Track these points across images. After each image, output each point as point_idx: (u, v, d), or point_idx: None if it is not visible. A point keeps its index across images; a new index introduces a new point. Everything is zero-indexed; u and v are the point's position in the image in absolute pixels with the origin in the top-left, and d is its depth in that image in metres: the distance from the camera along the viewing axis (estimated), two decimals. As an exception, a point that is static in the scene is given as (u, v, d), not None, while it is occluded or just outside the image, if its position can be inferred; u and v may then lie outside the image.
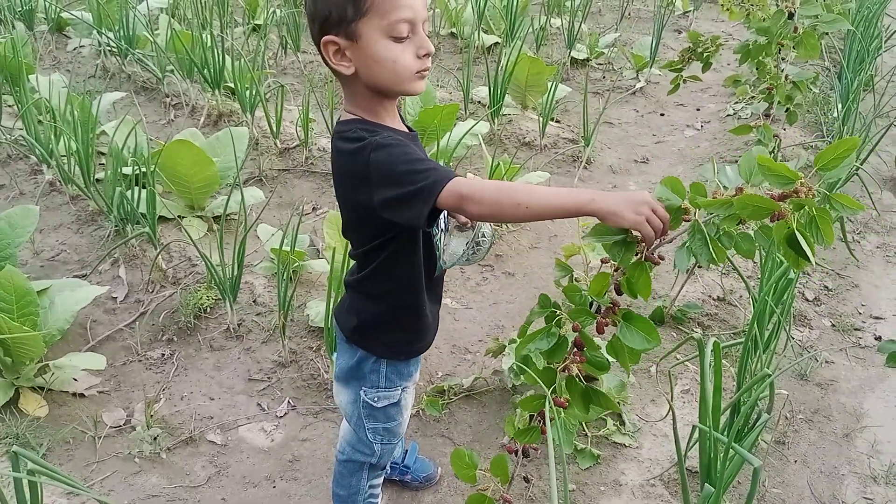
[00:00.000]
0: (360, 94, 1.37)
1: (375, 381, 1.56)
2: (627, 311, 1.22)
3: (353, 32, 1.29)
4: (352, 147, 1.31)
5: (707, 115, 4.87)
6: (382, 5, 1.26)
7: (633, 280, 1.18)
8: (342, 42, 1.30)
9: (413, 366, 1.61)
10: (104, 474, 2.10)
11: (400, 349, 1.55)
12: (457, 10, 5.79)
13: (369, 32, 1.28)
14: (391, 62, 1.30)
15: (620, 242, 1.16)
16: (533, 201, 1.18)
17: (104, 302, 2.74)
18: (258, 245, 3.04)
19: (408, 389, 1.63)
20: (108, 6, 4.93)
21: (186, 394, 2.41)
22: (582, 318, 1.24)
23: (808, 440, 2.30)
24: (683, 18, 6.71)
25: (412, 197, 1.22)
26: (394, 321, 1.52)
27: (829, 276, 3.14)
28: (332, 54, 1.32)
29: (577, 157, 4.06)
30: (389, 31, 1.28)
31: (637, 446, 2.23)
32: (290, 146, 3.89)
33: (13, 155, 3.73)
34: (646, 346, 1.19)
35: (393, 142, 1.28)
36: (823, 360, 2.63)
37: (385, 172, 1.26)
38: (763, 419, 1.74)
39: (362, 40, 1.29)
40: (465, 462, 1.39)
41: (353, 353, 1.55)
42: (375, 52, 1.29)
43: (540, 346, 1.26)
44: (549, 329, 1.27)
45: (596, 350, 1.27)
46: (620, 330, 1.22)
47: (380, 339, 1.53)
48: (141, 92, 4.57)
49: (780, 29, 2.16)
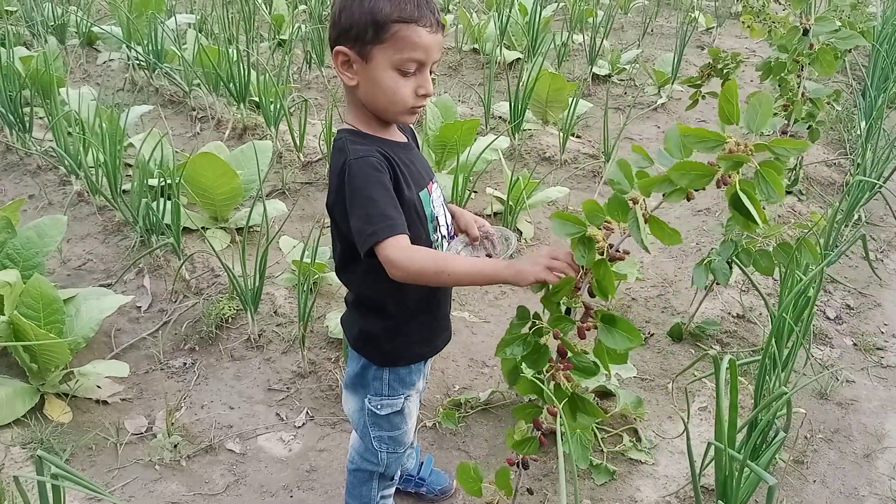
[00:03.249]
0: (357, 106, 1.46)
1: (379, 388, 1.59)
2: (606, 313, 1.23)
3: (365, 53, 1.36)
4: (336, 158, 1.42)
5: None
6: (401, 41, 1.33)
7: (600, 279, 1.20)
8: (353, 56, 1.38)
9: (416, 374, 1.63)
10: (125, 480, 2.14)
11: (400, 355, 1.58)
12: (479, 27, 5.84)
13: (380, 59, 1.35)
14: (391, 92, 1.38)
15: (582, 242, 1.20)
16: (456, 271, 1.33)
17: (128, 311, 2.79)
18: (280, 257, 3.08)
19: (411, 398, 1.65)
20: (138, 21, 5.04)
21: (207, 402, 2.44)
22: (561, 325, 1.25)
23: (827, 460, 2.28)
24: (706, 35, 6.71)
25: (357, 233, 1.36)
26: (392, 330, 1.55)
27: (850, 294, 3.11)
28: (340, 63, 1.40)
29: (598, 173, 4.07)
30: (398, 65, 1.36)
31: (653, 463, 2.23)
32: (313, 160, 3.94)
33: (43, 166, 3.82)
34: (628, 346, 1.21)
35: (361, 170, 1.36)
36: (844, 380, 2.61)
37: (349, 196, 1.37)
38: (780, 437, 1.73)
39: (372, 63, 1.36)
40: (470, 475, 1.41)
41: (358, 361, 1.59)
42: (380, 79, 1.37)
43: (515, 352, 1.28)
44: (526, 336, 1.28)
45: (581, 356, 1.28)
46: (601, 333, 1.23)
47: (380, 347, 1.57)
48: (168, 105, 4.65)
49: (795, 45, 2.16)
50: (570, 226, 1.21)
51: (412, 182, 1.45)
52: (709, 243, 3.41)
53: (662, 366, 2.63)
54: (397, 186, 1.40)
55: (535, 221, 3.49)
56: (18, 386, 2.32)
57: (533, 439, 1.35)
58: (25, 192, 3.61)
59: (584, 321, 1.25)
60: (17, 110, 3.85)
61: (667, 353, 2.70)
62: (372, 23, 1.32)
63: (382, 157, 1.39)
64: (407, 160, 1.47)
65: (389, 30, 1.32)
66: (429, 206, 1.49)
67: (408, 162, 1.47)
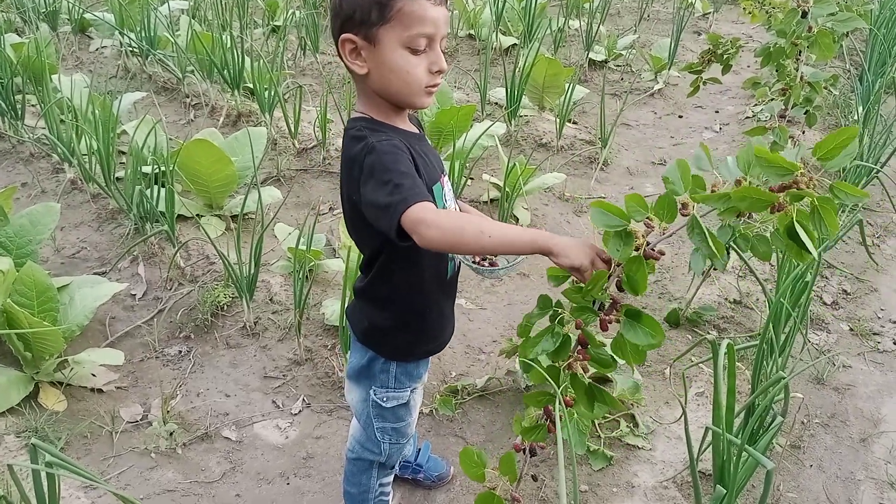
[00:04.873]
0: (369, 95, 1.40)
1: (385, 381, 1.57)
2: (631, 308, 1.22)
3: (372, 36, 1.31)
4: (353, 145, 1.34)
5: (726, 118, 4.84)
6: (407, 17, 1.28)
7: (632, 275, 1.18)
8: (360, 42, 1.32)
9: (423, 367, 1.62)
10: (121, 468, 2.13)
11: (410, 351, 1.56)
12: (475, 12, 5.80)
13: (388, 40, 1.30)
14: (405, 72, 1.32)
15: (619, 237, 1.16)
16: (495, 232, 1.21)
17: (123, 299, 2.78)
18: (275, 244, 3.06)
19: (417, 390, 1.64)
20: (130, 7, 5.00)
21: (203, 390, 2.43)
22: (584, 316, 1.23)
23: (824, 445, 2.28)
24: (703, 20, 6.68)
25: (384, 209, 1.24)
26: (401, 325, 1.53)
27: (847, 279, 3.11)
28: (348, 52, 1.35)
29: (594, 159, 4.06)
30: (408, 43, 1.30)
31: (650, 448, 2.23)
32: (308, 146, 3.92)
33: (36, 153, 3.79)
34: (650, 343, 1.18)
35: (388, 149, 1.29)
36: (841, 364, 2.61)
37: (370, 177, 1.28)
38: (777, 422, 1.73)
39: (380, 46, 1.31)
40: (473, 461, 1.39)
41: (364, 353, 1.57)
42: (391, 60, 1.32)
43: (546, 347, 1.26)
44: (553, 329, 1.27)
45: (599, 347, 1.27)
46: (624, 327, 1.21)
47: (389, 342, 1.54)
48: (161, 92, 4.62)
49: (794, 28, 2.13)
50: (612, 217, 1.16)
51: (426, 175, 1.40)
52: (706, 229, 3.40)
53: (660, 351, 2.63)
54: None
55: (532, 208, 3.48)
56: (13, 374, 2.30)
57: (542, 426, 1.34)
58: (18, 179, 3.58)
59: (608, 313, 1.23)
60: (8, 98, 3.82)
61: (664, 338, 2.70)
62: (375, 3, 1.28)
63: (404, 145, 1.34)
64: (422, 151, 1.43)
65: (394, 7, 1.28)
66: (441, 199, 1.45)
67: (423, 153, 1.43)
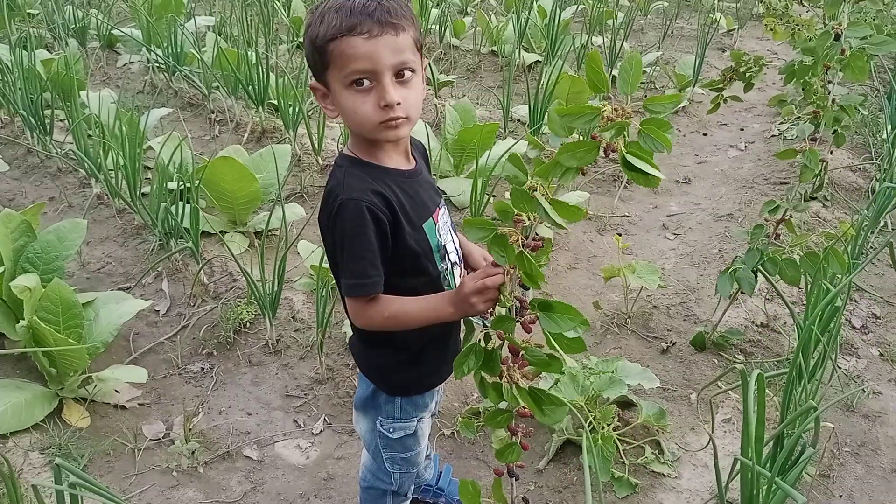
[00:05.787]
0: (352, 133, 1.42)
1: (391, 411, 1.56)
2: (542, 301, 1.20)
3: (326, 82, 1.35)
4: (329, 182, 1.38)
5: (751, 136, 4.80)
6: (339, 57, 1.29)
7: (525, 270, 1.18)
8: (321, 89, 1.37)
9: (429, 397, 1.60)
10: (143, 487, 2.13)
11: (410, 386, 1.56)
12: (498, 29, 5.81)
13: (334, 83, 1.33)
14: (352, 112, 1.33)
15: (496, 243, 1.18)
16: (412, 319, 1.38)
17: (147, 315, 2.79)
18: (298, 261, 3.06)
19: (424, 419, 1.62)
20: (157, 24, 5.07)
21: (224, 408, 2.43)
22: (504, 325, 1.22)
23: (854, 474, 2.23)
24: (727, 37, 6.64)
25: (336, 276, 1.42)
26: (398, 363, 1.52)
27: (877, 303, 3.05)
28: (319, 98, 1.39)
29: (618, 177, 4.03)
30: (348, 82, 1.30)
31: (676, 476, 2.19)
32: (332, 163, 3.93)
33: (63, 168, 3.83)
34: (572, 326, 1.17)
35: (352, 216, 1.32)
36: (871, 391, 2.56)
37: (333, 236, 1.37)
38: (808, 453, 1.69)
39: (332, 89, 1.34)
40: (469, 491, 1.38)
41: (368, 384, 1.56)
42: (341, 102, 1.34)
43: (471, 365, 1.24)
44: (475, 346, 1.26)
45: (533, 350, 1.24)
46: (542, 320, 1.19)
47: (389, 380, 1.55)
48: (187, 108, 4.67)
49: (826, 50, 2.11)
50: (480, 230, 1.21)
51: (414, 217, 1.39)
52: (731, 249, 3.36)
53: (685, 376, 2.59)
54: (395, 230, 1.36)
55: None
56: (37, 390, 2.32)
57: (514, 445, 1.32)
58: (46, 194, 3.63)
59: (521, 315, 1.22)
60: (38, 113, 3.87)
61: (689, 362, 2.66)
62: (315, 51, 1.31)
63: (378, 199, 1.33)
64: (410, 191, 1.40)
65: (328, 51, 1.29)
66: (434, 236, 1.43)
67: (411, 193, 1.40)
